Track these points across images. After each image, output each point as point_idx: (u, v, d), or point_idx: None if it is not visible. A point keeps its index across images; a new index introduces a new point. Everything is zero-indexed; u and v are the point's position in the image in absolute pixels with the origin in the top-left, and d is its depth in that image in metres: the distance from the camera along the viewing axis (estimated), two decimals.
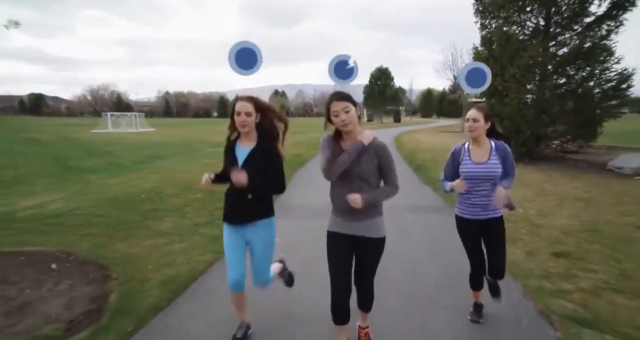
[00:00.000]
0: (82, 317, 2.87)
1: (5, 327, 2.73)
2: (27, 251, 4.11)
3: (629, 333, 2.73)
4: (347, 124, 2.19)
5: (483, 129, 2.72)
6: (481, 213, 2.75)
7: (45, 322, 2.79)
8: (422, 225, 5.42)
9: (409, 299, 3.27)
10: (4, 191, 8.17)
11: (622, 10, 10.31)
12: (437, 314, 3.03)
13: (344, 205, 2.24)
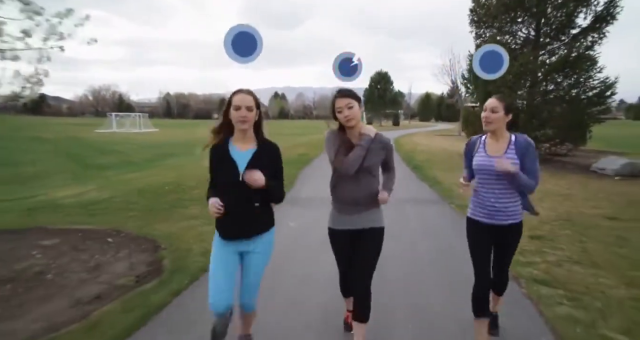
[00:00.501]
0: (146, 273, 3.61)
1: (90, 279, 3.47)
2: (83, 229, 4.85)
3: (577, 289, 3.48)
4: (350, 119, 2.25)
5: (502, 122, 2.33)
6: (497, 216, 2.38)
7: (118, 277, 3.53)
8: (419, 215, 6.16)
9: (407, 269, 4.01)
10: (33, 184, 8.90)
11: (604, 23, 11.15)
12: (429, 280, 3.77)
13: (349, 198, 2.33)
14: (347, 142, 2.32)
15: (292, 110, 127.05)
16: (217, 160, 2.10)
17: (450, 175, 9.82)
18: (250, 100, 2.04)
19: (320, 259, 4.00)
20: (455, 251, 4.39)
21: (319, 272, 3.78)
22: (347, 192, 2.34)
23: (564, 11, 11.59)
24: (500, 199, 2.37)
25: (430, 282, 3.66)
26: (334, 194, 2.44)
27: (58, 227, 4.90)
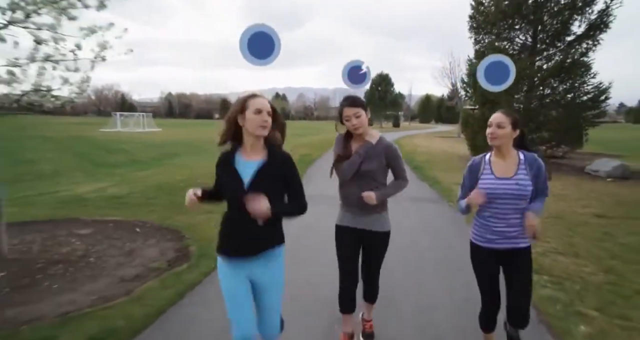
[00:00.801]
0: (175, 258, 4.05)
1: (127, 262, 3.91)
2: (112, 220, 5.29)
3: (559, 275, 3.92)
4: (358, 127, 2.34)
5: (509, 138, 2.18)
6: (500, 241, 2.22)
7: (151, 261, 3.97)
8: (419, 211, 6.60)
9: (407, 256, 4.44)
10: (52, 181, 9.33)
11: (598, 31, 11.60)
12: (428, 266, 4.21)
13: (354, 201, 2.40)
14: (347, 149, 2.41)
15: (292, 111, 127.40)
16: (222, 170, 1.95)
17: (449, 176, 10.26)
18: (269, 106, 1.87)
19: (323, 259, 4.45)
20: (452, 245, 4.83)
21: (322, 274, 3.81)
22: (350, 195, 2.43)
23: (559, 19, 12.05)
24: (510, 223, 2.20)
25: (429, 269, 4.10)
26: (340, 194, 2.53)
27: (90, 218, 5.35)
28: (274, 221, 1.89)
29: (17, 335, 2.59)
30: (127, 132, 34.13)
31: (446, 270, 4.04)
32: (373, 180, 2.40)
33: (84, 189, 7.60)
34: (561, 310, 3.21)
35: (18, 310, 2.93)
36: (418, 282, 3.72)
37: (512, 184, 2.15)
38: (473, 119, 14.14)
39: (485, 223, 2.27)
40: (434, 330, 2.87)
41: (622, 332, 2.88)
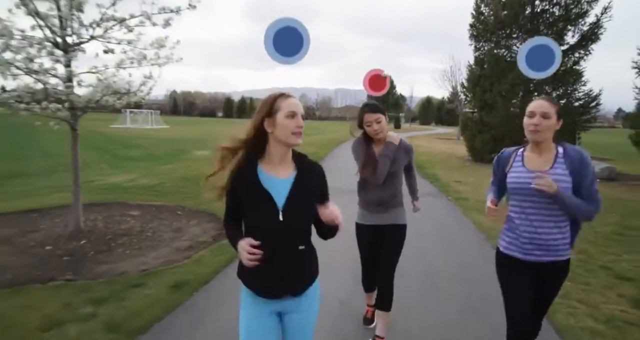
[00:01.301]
0: (217, 235, 4.84)
1: (177, 237, 4.71)
2: (154, 204, 6.10)
3: None
4: (379, 132, 2.44)
5: (552, 131, 1.85)
6: (535, 252, 1.86)
7: (197, 236, 4.77)
8: (422, 204, 7.39)
9: (412, 240, 5.24)
10: (83, 172, 10.11)
11: (590, 42, 12.42)
12: (431, 248, 5.01)
13: (375, 200, 2.54)
14: (372, 155, 2.49)
15: None
16: (244, 192, 1.49)
17: (448, 174, 11.06)
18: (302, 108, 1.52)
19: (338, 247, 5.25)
20: (450, 229, 5.63)
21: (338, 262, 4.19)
22: (373, 196, 2.55)
23: (554, 29, 12.87)
24: (543, 228, 1.83)
25: (433, 249, 4.90)
26: (361, 196, 2.63)
27: (135, 202, 6.15)
28: (311, 247, 1.61)
29: (114, 283, 3.39)
30: (137, 129, 34.92)
31: (444, 247, 4.84)
32: (396, 179, 2.55)
33: (118, 179, 8.40)
34: None
35: (107, 266, 3.74)
36: (424, 258, 4.52)
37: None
38: (472, 122, 14.93)
39: (513, 230, 1.92)
40: (436, 294, 3.67)
41: (582, 292, 3.67)
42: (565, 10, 12.66)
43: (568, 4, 12.58)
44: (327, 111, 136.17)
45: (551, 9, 13.01)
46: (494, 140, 13.71)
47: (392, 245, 2.57)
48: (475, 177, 10.66)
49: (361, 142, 2.55)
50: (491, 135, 13.80)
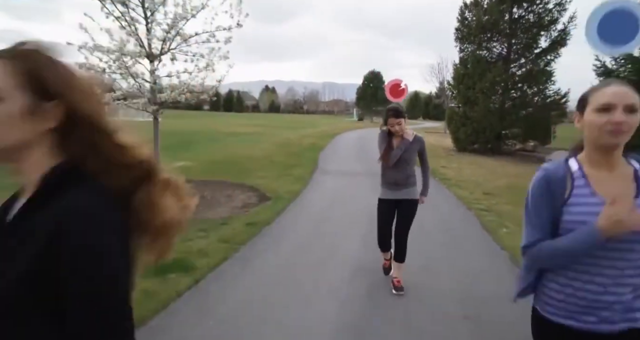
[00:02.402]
0: (260, 199, 6.32)
1: (230, 201, 6.19)
2: (200, 180, 7.53)
3: (498, 211, 6.32)
4: (398, 131, 3.19)
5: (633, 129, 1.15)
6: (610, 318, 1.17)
7: (245, 200, 6.24)
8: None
9: None
10: None
11: (559, 46, 14.17)
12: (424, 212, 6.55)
13: (392, 180, 3.30)
14: (390, 144, 3.28)
15: (282, 104, 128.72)
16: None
17: (435, 161, 12.64)
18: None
19: (354, 220, 6.78)
20: (437, 199, 7.18)
21: (350, 239, 6.46)
22: (390, 177, 3.32)
23: (529, 34, 14.57)
24: (617, 287, 1.15)
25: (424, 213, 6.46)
26: (383, 177, 3.39)
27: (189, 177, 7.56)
28: None
29: (207, 223, 4.85)
30: (128, 121, 35.55)
31: (432, 211, 6.40)
32: (407, 165, 3.29)
33: None
34: (496, 226, 5.60)
35: (197, 215, 5.19)
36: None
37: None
38: (457, 116, 16.60)
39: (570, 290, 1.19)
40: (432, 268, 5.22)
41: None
42: (538, 17, 14.36)
43: (541, 12, 14.29)
44: (315, 105, 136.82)
45: (527, 15, 14.70)
46: (476, 132, 15.44)
47: (407, 215, 3.35)
48: (457, 164, 12.34)
49: (385, 136, 3.32)
50: (473, 128, 15.51)
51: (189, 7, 5.64)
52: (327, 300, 3.10)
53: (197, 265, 3.59)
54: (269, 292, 3.23)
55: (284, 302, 3.05)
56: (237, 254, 4.00)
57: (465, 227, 5.53)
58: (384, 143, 3.30)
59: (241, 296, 3.16)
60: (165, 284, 3.19)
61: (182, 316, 2.80)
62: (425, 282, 3.48)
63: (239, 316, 2.84)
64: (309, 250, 4.26)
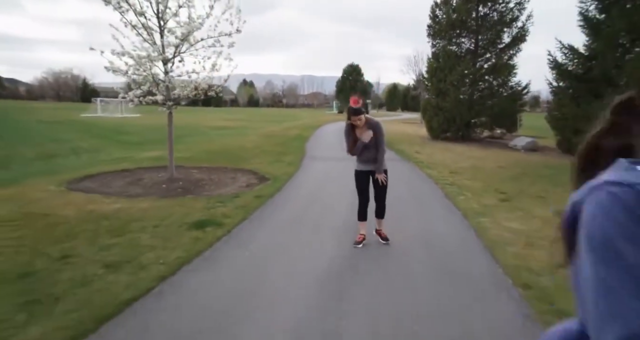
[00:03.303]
0: (260, 180, 7.41)
1: (234, 182, 7.25)
2: (203, 166, 8.54)
3: (460, 184, 7.62)
4: (359, 124, 3.96)
5: None
6: None
7: (247, 181, 7.32)
8: (391, 164, 10.22)
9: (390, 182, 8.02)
10: (105, 152, 12.21)
11: (519, 42, 15.65)
12: (400, 185, 7.78)
13: (365, 158, 4.10)
14: (354, 134, 4.04)
15: (261, 98, 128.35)
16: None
17: (410, 148, 14.00)
18: None
19: (340, 194, 7.96)
20: (410, 176, 8.44)
21: (338, 207, 7.69)
22: (363, 157, 4.10)
23: (494, 30, 15.98)
24: None
25: (400, 186, 7.68)
26: (358, 157, 4.13)
27: (190, 165, 8.56)
28: None
29: (221, 197, 5.91)
30: (109, 117, 35.43)
31: (406, 185, 7.64)
32: (374, 148, 4.05)
33: (153, 154, 10.65)
34: (456, 194, 6.87)
35: (208, 192, 6.26)
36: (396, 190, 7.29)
37: None
38: (430, 106, 17.94)
39: None
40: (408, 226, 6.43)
41: (500, 210, 6.56)
42: (501, 15, 15.78)
43: (503, 11, 15.71)
44: (295, 98, 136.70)
45: (491, 14, 16.09)
46: (448, 121, 16.85)
47: (382, 186, 4.24)
48: (430, 150, 13.70)
49: (349, 129, 4.05)
50: (445, 117, 16.89)
51: (195, 16, 6.65)
52: (325, 244, 4.25)
53: (225, 222, 4.69)
54: (281, 238, 4.37)
55: (293, 244, 4.19)
56: (252, 216, 5.10)
57: (431, 195, 6.80)
58: (349, 135, 4.07)
59: (262, 240, 4.28)
60: (205, 233, 4.30)
61: (224, 251, 3.91)
62: (398, 230, 4.66)
63: (263, 250, 3.97)
64: (307, 212, 5.42)
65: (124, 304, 2.82)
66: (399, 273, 3.53)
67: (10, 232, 4.17)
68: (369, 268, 3.64)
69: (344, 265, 3.67)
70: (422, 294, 3.13)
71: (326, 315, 2.76)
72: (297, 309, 2.84)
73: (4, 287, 3.01)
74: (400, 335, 2.57)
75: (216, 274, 3.40)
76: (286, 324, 2.64)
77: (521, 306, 2.97)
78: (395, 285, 3.28)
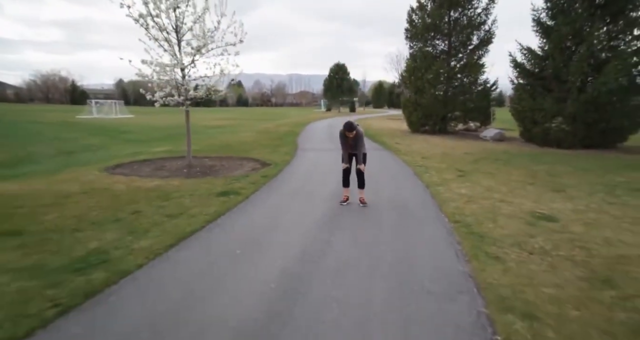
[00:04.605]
0: (263, 165, 8.90)
1: (241, 167, 8.73)
2: (213, 156, 9.98)
3: (430, 166, 9.23)
4: (352, 137, 5.46)
5: None
6: None
7: (253, 166, 8.80)
8: (375, 152, 11.78)
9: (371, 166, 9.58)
10: (116, 148, 13.52)
11: (487, 43, 17.43)
12: (380, 169, 9.35)
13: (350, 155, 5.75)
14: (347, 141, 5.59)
15: (250, 98, 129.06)
16: None
17: (391, 140, 15.62)
18: None
19: (328, 174, 9.50)
20: (389, 162, 10.01)
21: (327, 183, 9.23)
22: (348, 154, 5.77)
23: (464, 33, 17.70)
24: None
25: (381, 170, 9.25)
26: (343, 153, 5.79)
27: (200, 155, 10.00)
28: None
29: (234, 177, 7.39)
30: (105, 118, 36.33)
31: (386, 168, 9.20)
32: (357, 147, 5.60)
33: (162, 149, 12.03)
34: (423, 172, 8.46)
35: (223, 174, 7.72)
36: (377, 173, 8.85)
37: None
38: (409, 103, 19.60)
39: None
40: (388, 197, 7.99)
41: (454, 182, 8.17)
42: (470, 20, 17.50)
43: (472, 16, 17.44)
44: (283, 97, 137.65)
45: (461, 18, 17.81)
46: (425, 116, 18.57)
47: (362, 159, 5.71)
48: (409, 141, 15.36)
49: (343, 136, 5.60)
50: (423, 113, 18.58)
51: (205, 30, 8.09)
52: (319, 204, 5.76)
53: (242, 192, 6.19)
54: (286, 201, 5.89)
55: (296, 204, 5.71)
56: (262, 188, 6.62)
57: (403, 174, 8.39)
58: (344, 142, 5.71)
59: (272, 202, 5.79)
60: (229, 199, 5.80)
61: (246, 209, 5.41)
62: (375, 196, 6.21)
63: (274, 208, 5.48)
64: (304, 186, 6.95)
65: (189, 233, 4.32)
66: (371, 218, 5.10)
67: (88, 199, 5.61)
68: (350, 215, 5.19)
69: (333, 214, 5.22)
70: (385, 227, 4.70)
71: (321, 238, 4.30)
72: (303, 234, 4.37)
73: (108, 226, 4.47)
74: (370, 242, 4.12)
75: (244, 219, 4.91)
76: (295, 245, 4.17)
77: (450, 230, 4.56)
78: (368, 223, 4.84)
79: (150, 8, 7.37)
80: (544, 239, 4.21)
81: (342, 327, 2.53)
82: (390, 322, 2.61)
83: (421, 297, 2.93)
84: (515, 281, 3.18)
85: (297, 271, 3.37)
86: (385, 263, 3.57)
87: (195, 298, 2.93)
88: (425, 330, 2.51)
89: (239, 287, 3.09)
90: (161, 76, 7.85)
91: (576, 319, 2.61)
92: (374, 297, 2.93)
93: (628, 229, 4.56)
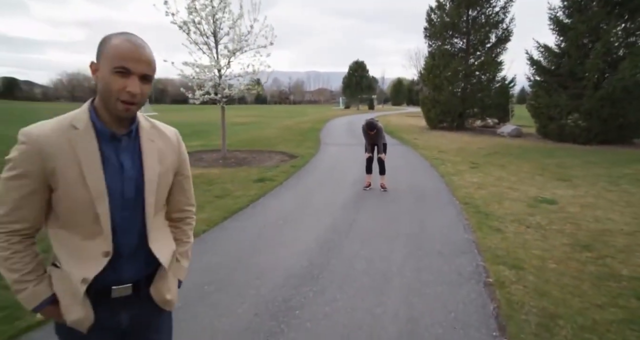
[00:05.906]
0: (291, 157, 9.71)
1: (271, 159, 9.57)
2: (243, 149, 10.87)
3: (447, 160, 9.86)
4: (373, 136, 6.35)
5: None
6: None
7: (282, 158, 9.63)
8: (393, 148, 12.46)
9: (392, 159, 10.27)
10: None
11: (505, 41, 17.76)
12: (400, 162, 10.04)
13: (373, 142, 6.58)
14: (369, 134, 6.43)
15: (268, 95, 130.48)
16: None
17: (410, 135, 16.22)
18: None
19: (351, 165, 10.24)
20: (408, 156, 10.68)
21: (350, 172, 9.97)
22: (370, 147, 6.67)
23: (482, 32, 18.08)
24: None
25: (400, 163, 9.93)
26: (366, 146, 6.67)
27: (232, 149, 10.91)
28: None
29: (266, 167, 8.23)
30: None
31: (405, 161, 9.88)
32: (378, 140, 6.50)
33: (197, 143, 13.00)
34: (439, 164, 9.10)
35: (256, 164, 8.57)
36: (395, 163, 9.54)
37: None
38: (428, 100, 20.10)
39: None
40: (405, 186, 8.68)
41: (467, 172, 8.80)
42: (488, 18, 17.88)
43: (490, 15, 17.80)
44: (301, 95, 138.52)
45: (479, 17, 18.19)
46: (443, 113, 19.05)
47: (383, 149, 6.62)
48: (427, 137, 15.94)
49: (365, 131, 6.39)
50: (441, 109, 19.07)
51: (239, 33, 8.93)
52: (344, 189, 6.52)
53: (276, 179, 7.01)
54: (315, 186, 6.68)
55: (324, 189, 6.49)
56: (293, 176, 7.43)
57: (420, 166, 9.07)
58: (366, 136, 6.45)
59: (303, 187, 6.59)
60: (265, 184, 6.63)
61: (281, 192, 6.23)
62: (394, 185, 6.92)
63: (306, 191, 6.28)
64: (330, 174, 7.72)
65: (237, 210, 5.15)
66: (391, 200, 5.83)
67: None
68: (373, 198, 5.94)
69: (357, 198, 5.98)
70: (403, 207, 5.43)
71: (348, 214, 5.06)
72: (333, 212, 5.14)
73: None
74: (391, 219, 4.86)
75: (281, 200, 5.72)
76: (326, 219, 4.94)
77: (460, 210, 5.25)
78: (388, 205, 5.58)
79: (193, 16, 8.26)
80: (541, 217, 4.86)
81: (369, 273, 3.29)
82: (408, 270, 3.35)
83: (432, 256, 3.66)
84: (510, 245, 3.88)
85: (331, 238, 4.15)
86: (404, 234, 4.31)
87: (254, 251, 3.74)
88: (434, 275, 3.24)
89: (286, 245, 3.89)
90: (201, 76, 8.74)
91: (554, 269, 3.30)
92: (395, 256, 3.68)
93: (619, 210, 5.15)
